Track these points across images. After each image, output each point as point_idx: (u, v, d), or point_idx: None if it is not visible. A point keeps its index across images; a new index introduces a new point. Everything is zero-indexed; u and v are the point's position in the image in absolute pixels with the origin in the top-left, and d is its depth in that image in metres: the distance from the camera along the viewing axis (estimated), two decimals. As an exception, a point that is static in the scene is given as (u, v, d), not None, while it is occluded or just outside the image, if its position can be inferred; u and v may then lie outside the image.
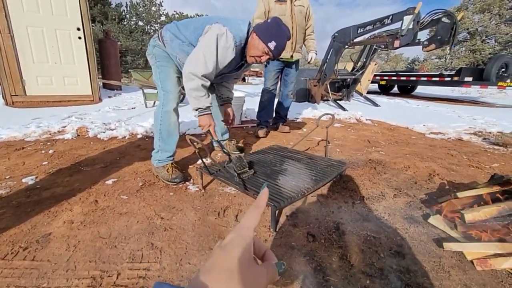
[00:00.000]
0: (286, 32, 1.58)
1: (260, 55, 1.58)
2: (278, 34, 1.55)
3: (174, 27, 1.68)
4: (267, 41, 1.53)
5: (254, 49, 1.58)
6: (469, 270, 1.03)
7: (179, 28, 1.65)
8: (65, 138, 2.58)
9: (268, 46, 1.54)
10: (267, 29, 1.55)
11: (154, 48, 1.72)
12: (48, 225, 1.26)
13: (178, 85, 1.76)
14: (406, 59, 28.65)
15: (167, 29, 1.69)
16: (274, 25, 1.56)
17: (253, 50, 1.59)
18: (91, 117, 3.55)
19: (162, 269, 1.01)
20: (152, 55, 1.74)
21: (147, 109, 4.32)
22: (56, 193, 1.56)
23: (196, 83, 1.51)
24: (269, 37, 1.53)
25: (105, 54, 6.06)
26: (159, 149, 1.78)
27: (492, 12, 15.70)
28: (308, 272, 1.00)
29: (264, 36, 1.53)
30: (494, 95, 9.79)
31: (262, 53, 1.57)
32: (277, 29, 1.55)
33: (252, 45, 1.58)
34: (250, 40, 1.58)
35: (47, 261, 1.04)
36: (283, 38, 1.57)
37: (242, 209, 1.43)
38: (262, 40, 1.53)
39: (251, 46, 1.58)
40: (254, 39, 1.56)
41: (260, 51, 1.56)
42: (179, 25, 1.67)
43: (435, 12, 4.37)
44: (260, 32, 1.55)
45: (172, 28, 1.68)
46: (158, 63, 1.72)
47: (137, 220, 1.32)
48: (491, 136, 3.30)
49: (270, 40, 1.53)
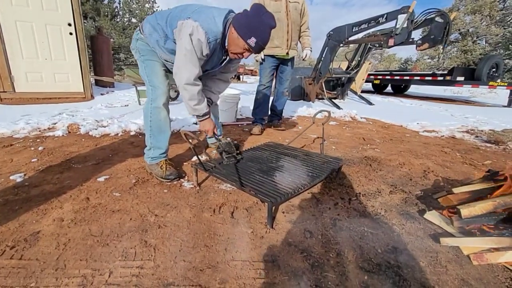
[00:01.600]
0: (269, 21, 1.40)
1: (240, 52, 1.48)
2: (259, 27, 1.39)
3: (153, 18, 1.57)
4: (246, 38, 1.39)
5: (234, 46, 1.47)
6: (466, 264, 1.03)
7: (157, 19, 1.54)
8: (56, 135, 2.51)
9: (248, 43, 1.40)
10: (246, 23, 1.39)
11: (137, 42, 1.64)
12: (37, 223, 1.22)
13: (166, 79, 1.68)
14: (399, 59, 28.96)
15: (147, 21, 1.59)
16: (255, 17, 1.39)
17: (233, 47, 1.47)
18: (83, 114, 3.48)
19: (156, 267, 0.98)
20: (136, 50, 1.66)
21: (140, 107, 4.25)
22: (45, 191, 1.51)
23: (191, 92, 1.50)
24: (249, 33, 1.38)
25: (97, 50, 5.95)
26: (151, 147, 1.73)
27: (483, 14, 15.99)
28: (305, 268, 0.99)
29: (243, 32, 1.39)
30: (484, 94, 9.97)
31: (242, 50, 1.46)
32: (257, 21, 1.39)
33: (231, 40, 1.45)
34: (229, 34, 1.45)
35: (36, 260, 1.00)
36: (265, 31, 1.41)
37: (238, 206, 1.41)
38: (240, 36, 1.40)
39: (230, 41, 1.46)
40: (233, 34, 1.43)
41: (240, 48, 1.45)
42: (158, 15, 1.57)
43: (429, 11, 4.41)
44: (238, 28, 1.40)
45: (151, 19, 1.57)
46: (143, 58, 1.64)
47: (130, 217, 1.29)
48: (483, 134, 3.35)
49: (249, 36, 1.39)
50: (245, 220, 1.29)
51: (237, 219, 1.30)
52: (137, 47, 1.65)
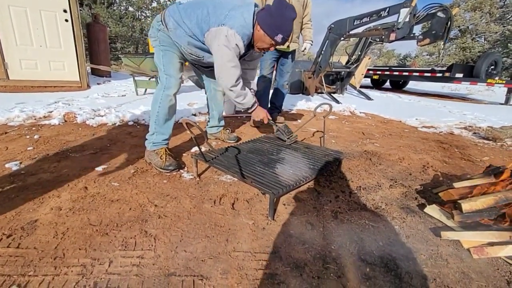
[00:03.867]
0: (291, 14, 1.50)
1: (267, 47, 1.58)
2: (283, 22, 1.48)
3: (177, 14, 1.57)
4: (273, 35, 1.49)
5: (261, 42, 1.55)
6: (466, 258, 1.04)
7: (182, 17, 1.56)
8: (52, 123, 2.46)
9: (275, 40, 1.50)
10: (271, 21, 1.47)
11: (159, 32, 1.65)
12: (34, 212, 1.19)
13: (180, 71, 1.73)
14: (398, 55, 28.91)
15: (170, 15, 1.59)
16: (279, 14, 1.47)
17: (260, 43, 1.56)
18: (79, 103, 3.42)
19: (157, 257, 0.97)
20: (156, 39, 1.68)
21: (138, 97, 4.19)
22: (42, 179, 1.48)
23: (237, 92, 1.60)
24: (275, 30, 1.48)
25: (93, 39, 5.82)
26: (155, 132, 1.73)
27: (483, 11, 15.93)
28: (307, 259, 0.98)
29: (269, 29, 1.48)
30: (482, 92, 10.01)
31: (269, 45, 1.56)
32: (281, 17, 1.48)
33: (258, 38, 1.53)
34: (255, 32, 1.53)
35: (33, 248, 0.98)
36: (289, 24, 1.50)
37: (239, 197, 1.40)
38: (268, 35, 1.49)
39: (257, 38, 1.54)
40: (260, 32, 1.51)
41: (267, 44, 1.54)
42: (182, 12, 1.56)
43: (431, 6, 4.37)
44: (265, 26, 1.48)
45: (175, 15, 1.58)
46: (163, 47, 1.67)
47: (130, 207, 1.27)
48: (481, 131, 3.37)
49: (276, 33, 1.48)
50: (246, 212, 1.28)
51: (238, 210, 1.29)
52: (158, 37, 1.66)
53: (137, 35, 13.17)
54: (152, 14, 13.56)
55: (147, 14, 14.10)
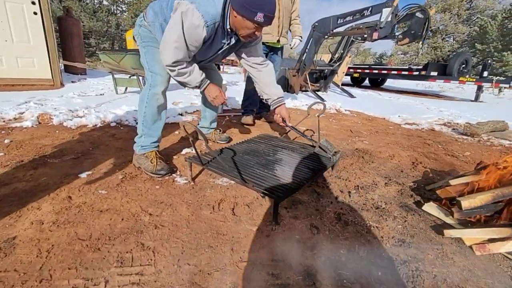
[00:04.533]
0: None
1: (251, 32, 1.36)
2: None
3: (157, 3, 1.50)
4: (252, 16, 1.26)
5: (242, 29, 1.35)
6: (469, 255, 1.05)
7: (162, 6, 1.47)
8: (24, 126, 2.25)
9: (256, 20, 1.27)
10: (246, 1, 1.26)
11: (140, 28, 1.56)
12: (11, 228, 1.06)
13: None
14: (374, 53, 29.95)
15: (151, 7, 1.52)
16: None
17: (242, 30, 1.36)
18: (53, 103, 3.16)
19: (158, 273, 0.89)
20: (138, 36, 1.59)
21: (118, 96, 3.97)
22: (18, 189, 1.33)
23: (177, 71, 1.44)
24: (252, 10, 1.25)
25: (66, 33, 5.44)
26: (143, 134, 1.62)
27: (452, 12, 16.86)
28: (318, 267, 0.95)
29: (245, 11, 1.26)
30: (453, 89, 10.59)
31: (253, 30, 1.34)
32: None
33: (238, 24, 1.34)
34: (232, 19, 1.35)
35: (14, 271, 0.87)
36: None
37: (238, 202, 1.34)
38: (246, 17, 1.28)
39: (237, 26, 1.35)
40: (237, 18, 1.31)
41: (250, 29, 1.33)
42: (163, 2, 1.48)
43: (410, 6, 4.52)
44: (240, 8, 1.27)
45: (155, 5, 1.50)
46: (144, 44, 1.57)
47: (121, 217, 1.17)
48: (459, 127, 3.54)
49: (255, 13, 1.25)
50: (248, 217, 1.22)
51: (239, 216, 1.23)
52: (140, 34, 1.58)
53: (113, 31, 12.56)
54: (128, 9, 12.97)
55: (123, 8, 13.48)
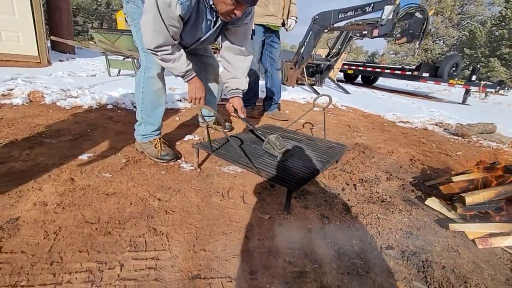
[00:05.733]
0: None
1: (230, 10, 1.20)
2: None
3: None
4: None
5: (220, 4, 1.21)
6: (472, 248, 1.10)
7: None
8: (14, 103, 2.12)
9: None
10: None
11: (128, 4, 1.45)
12: (13, 208, 1.01)
13: None
14: (366, 52, 30.25)
15: None
16: None
17: (220, 6, 1.21)
18: (43, 81, 3.00)
19: (174, 258, 0.87)
20: (128, 14, 1.48)
21: (111, 78, 3.81)
22: (15, 169, 1.26)
23: (159, 57, 1.31)
24: None
25: (54, 8, 5.13)
26: (142, 122, 1.53)
27: (444, 16, 17.20)
28: (332, 255, 0.96)
29: None
30: (441, 91, 10.91)
31: (231, 6, 1.18)
32: None
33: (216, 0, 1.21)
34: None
35: (21, 252, 0.82)
36: None
37: (247, 190, 1.33)
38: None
39: (215, 1, 1.22)
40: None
41: (227, 4, 1.18)
42: None
43: (410, 6, 4.56)
44: None
45: None
46: (135, 22, 1.45)
47: (130, 202, 1.13)
48: (450, 127, 3.65)
49: None
50: (259, 205, 1.22)
51: (249, 204, 1.22)
52: (128, 11, 1.46)
53: (102, 9, 11.97)
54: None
55: (113, -14, 12.83)
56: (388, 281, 0.88)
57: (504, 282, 0.94)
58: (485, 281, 0.93)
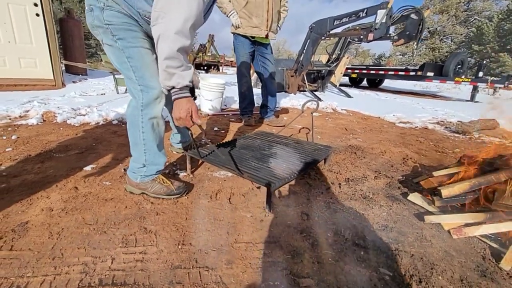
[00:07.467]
0: None
1: None
2: None
3: None
4: None
5: None
6: (447, 238, 1.14)
7: None
8: (29, 123, 2.34)
9: None
10: None
11: (104, 12, 1.01)
12: (24, 214, 1.15)
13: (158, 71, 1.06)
14: (373, 54, 30.09)
15: None
16: None
17: None
18: (56, 102, 3.25)
19: (160, 252, 0.97)
20: (105, 28, 1.04)
21: (118, 95, 4.06)
22: (27, 181, 1.42)
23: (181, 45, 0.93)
24: None
25: (67, 35, 5.53)
26: (146, 164, 1.28)
27: (449, 13, 17.00)
28: (306, 247, 1.04)
29: None
30: (450, 90, 10.70)
31: None
32: None
33: None
34: None
35: (28, 250, 0.95)
36: None
37: (234, 192, 1.43)
38: None
39: None
40: None
41: None
42: None
43: (405, 8, 4.62)
44: None
45: None
46: (120, 42, 1.05)
47: (125, 205, 1.25)
48: (452, 125, 3.63)
49: None
50: (243, 205, 1.31)
51: (235, 204, 1.32)
52: (106, 22, 1.02)
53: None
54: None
55: (122, 9, 13.53)
56: (356, 269, 0.94)
57: (473, 269, 0.98)
58: (453, 268, 0.98)
